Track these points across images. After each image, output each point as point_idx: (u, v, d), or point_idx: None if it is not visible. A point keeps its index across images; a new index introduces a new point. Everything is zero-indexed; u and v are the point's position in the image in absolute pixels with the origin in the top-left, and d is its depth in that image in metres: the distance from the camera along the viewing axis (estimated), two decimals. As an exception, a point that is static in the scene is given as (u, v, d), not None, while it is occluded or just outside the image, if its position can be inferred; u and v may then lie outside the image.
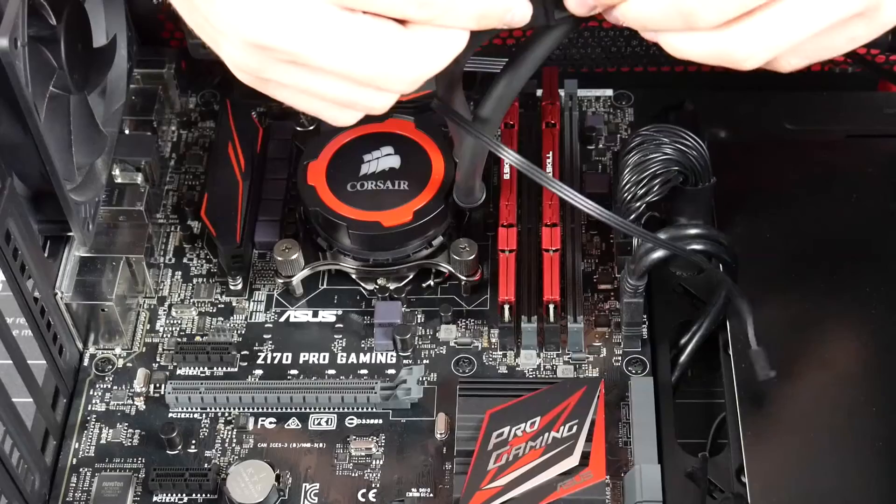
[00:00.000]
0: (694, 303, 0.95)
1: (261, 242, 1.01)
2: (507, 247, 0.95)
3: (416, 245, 0.97)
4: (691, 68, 1.09)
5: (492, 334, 0.96)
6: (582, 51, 1.09)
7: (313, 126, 1.04)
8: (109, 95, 0.98)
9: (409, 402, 0.92)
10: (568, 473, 0.86)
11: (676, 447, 0.88)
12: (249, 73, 0.73)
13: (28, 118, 0.82)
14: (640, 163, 0.90)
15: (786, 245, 0.94)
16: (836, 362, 0.88)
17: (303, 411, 0.93)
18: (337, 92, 0.73)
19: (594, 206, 0.83)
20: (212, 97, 1.10)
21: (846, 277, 0.92)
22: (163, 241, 1.02)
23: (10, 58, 0.78)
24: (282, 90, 0.75)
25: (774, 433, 0.85)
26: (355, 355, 0.96)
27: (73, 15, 0.88)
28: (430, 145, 0.99)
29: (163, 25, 1.08)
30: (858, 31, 0.74)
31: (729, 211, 0.95)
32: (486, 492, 0.85)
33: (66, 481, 0.90)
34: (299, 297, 0.99)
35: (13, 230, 0.85)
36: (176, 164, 1.07)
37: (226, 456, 0.91)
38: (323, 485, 0.89)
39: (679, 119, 1.05)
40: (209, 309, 0.99)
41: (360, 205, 0.95)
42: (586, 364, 0.94)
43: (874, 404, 0.85)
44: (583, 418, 0.88)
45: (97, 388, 0.95)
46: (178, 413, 0.93)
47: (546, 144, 1.00)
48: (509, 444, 0.87)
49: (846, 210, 0.95)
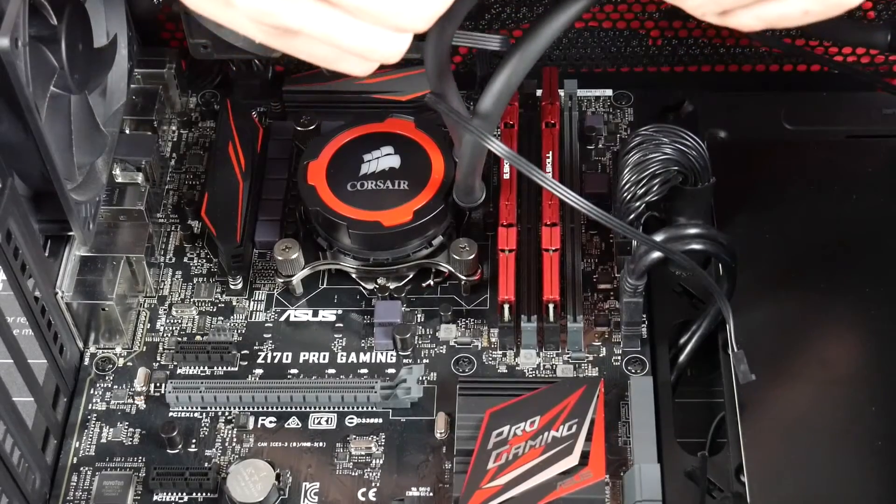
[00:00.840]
0: (693, 302, 0.95)
1: (261, 242, 1.01)
2: (507, 246, 0.95)
3: (416, 245, 0.97)
4: (691, 68, 1.09)
5: (491, 334, 0.96)
6: (582, 51, 1.09)
7: (314, 126, 1.04)
8: (110, 95, 0.98)
9: (408, 402, 0.92)
10: (567, 473, 0.86)
11: (676, 446, 0.88)
12: (267, 22, 0.73)
13: (29, 118, 0.82)
14: (640, 163, 0.90)
15: (785, 245, 0.94)
16: (836, 362, 0.88)
17: (303, 411, 0.93)
18: (353, 35, 0.73)
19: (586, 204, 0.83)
20: (212, 97, 1.10)
21: (846, 277, 0.92)
22: (163, 240, 1.02)
23: (10, 57, 0.78)
24: (297, 41, 0.74)
25: (774, 432, 0.85)
26: (355, 355, 0.96)
27: (73, 15, 0.88)
28: (430, 145, 0.99)
29: (163, 25, 1.08)
30: (811, 4, 0.74)
31: (728, 211, 0.95)
32: (486, 491, 0.85)
33: (66, 480, 0.90)
34: (299, 296, 0.99)
35: (14, 230, 0.85)
36: (176, 163, 1.07)
37: (226, 455, 0.91)
38: (323, 484, 0.89)
39: (678, 119, 1.05)
40: (209, 308, 0.99)
41: (360, 204, 0.96)
42: (586, 364, 0.94)
43: (873, 404, 0.85)
44: (582, 418, 0.88)
45: (98, 388, 0.95)
46: (179, 412, 0.93)
47: (546, 144, 1.00)
48: (509, 443, 0.87)
49: (846, 210, 0.95)
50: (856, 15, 1.03)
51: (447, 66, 0.87)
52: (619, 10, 1.06)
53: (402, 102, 1.05)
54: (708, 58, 1.09)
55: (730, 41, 1.07)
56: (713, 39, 1.07)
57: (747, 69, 1.09)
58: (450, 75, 0.88)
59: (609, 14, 1.06)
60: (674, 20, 1.06)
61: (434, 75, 0.87)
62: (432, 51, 0.85)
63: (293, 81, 1.07)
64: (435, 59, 0.86)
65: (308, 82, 1.07)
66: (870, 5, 1.04)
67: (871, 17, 1.04)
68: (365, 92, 1.05)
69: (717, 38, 1.07)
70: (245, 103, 1.07)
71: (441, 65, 0.86)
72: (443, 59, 0.86)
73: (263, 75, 1.09)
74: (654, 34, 1.07)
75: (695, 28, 1.07)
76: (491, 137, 0.85)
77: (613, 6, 1.06)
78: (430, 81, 0.87)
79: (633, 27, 1.07)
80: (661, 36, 1.07)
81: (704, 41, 1.07)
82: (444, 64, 0.87)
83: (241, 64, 1.08)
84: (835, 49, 1.07)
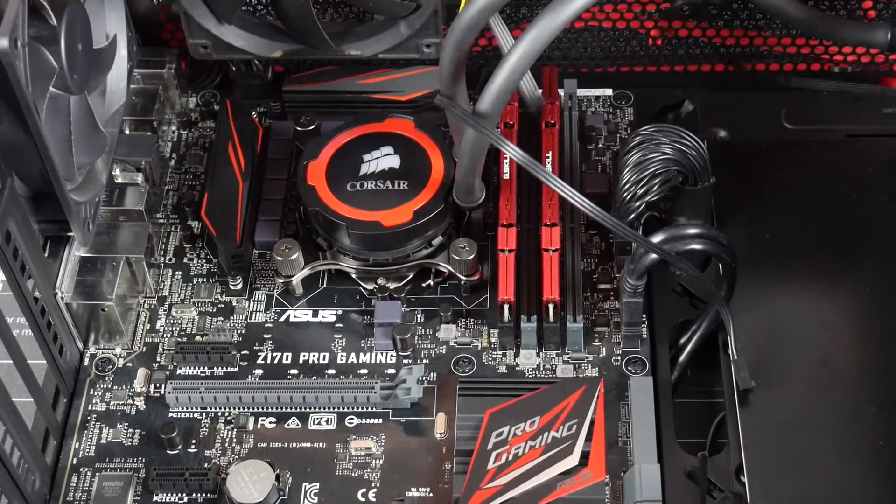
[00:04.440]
0: (693, 302, 0.95)
1: (261, 242, 1.01)
2: (507, 246, 0.95)
3: (416, 245, 0.97)
4: (691, 68, 1.09)
5: (491, 334, 0.96)
6: (581, 50, 1.09)
7: (314, 126, 1.04)
8: (110, 95, 0.98)
9: (408, 402, 0.92)
10: (567, 473, 0.86)
11: (676, 447, 0.88)
12: None
13: (28, 118, 0.82)
14: (640, 162, 0.90)
15: (785, 245, 0.94)
16: (836, 362, 0.88)
17: (303, 411, 0.93)
18: None
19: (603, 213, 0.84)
20: (212, 97, 1.10)
21: (846, 277, 0.92)
22: (163, 240, 1.02)
23: (10, 58, 0.78)
24: None
25: (774, 432, 0.85)
26: (355, 355, 0.96)
27: (73, 15, 0.88)
28: (429, 145, 0.99)
29: (163, 25, 1.08)
30: None
31: (728, 211, 0.95)
32: (486, 491, 0.85)
33: (66, 481, 0.90)
34: (299, 296, 0.99)
35: (13, 230, 0.85)
36: (176, 164, 1.07)
37: (226, 455, 0.91)
38: (323, 484, 0.89)
39: (678, 119, 1.05)
40: (209, 309, 0.99)
41: (359, 205, 0.96)
42: (586, 364, 0.94)
43: (874, 403, 0.85)
44: (582, 418, 0.88)
45: (97, 388, 0.95)
46: (179, 413, 0.93)
47: (546, 144, 1.00)
48: (509, 443, 0.87)
49: (846, 210, 0.95)
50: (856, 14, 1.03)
51: (462, 71, 0.87)
52: (619, 10, 1.06)
53: (402, 102, 1.05)
54: (708, 57, 1.09)
55: (730, 41, 1.07)
56: (713, 39, 1.07)
57: (747, 69, 1.09)
58: (462, 79, 0.88)
59: (609, 13, 1.06)
60: (674, 20, 1.06)
61: (448, 78, 0.87)
62: (450, 56, 0.86)
63: (293, 81, 1.07)
64: (452, 64, 0.86)
65: (308, 82, 1.07)
66: (870, 4, 1.04)
67: (871, 16, 1.04)
68: (365, 92, 1.05)
69: (717, 37, 1.07)
70: (245, 103, 1.07)
71: (457, 70, 0.87)
72: (459, 63, 0.86)
73: (263, 75, 1.09)
74: (654, 34, 1.07)
75: (695, 28, 1.07)
76: (505, 140, 0.85)
77: (613, 5, 1.06)
78: (443, 84, 0.87)
79: (632, 27, 1.07)
80: (661, 35, 1.07)
81: (704, 41, 1.07)
82: (459, 69, 0.87)
83: (241, 64, 1.08)
84: (835, 48, 1.07)
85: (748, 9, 1.05)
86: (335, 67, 1.07)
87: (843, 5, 1.04)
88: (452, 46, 0.85)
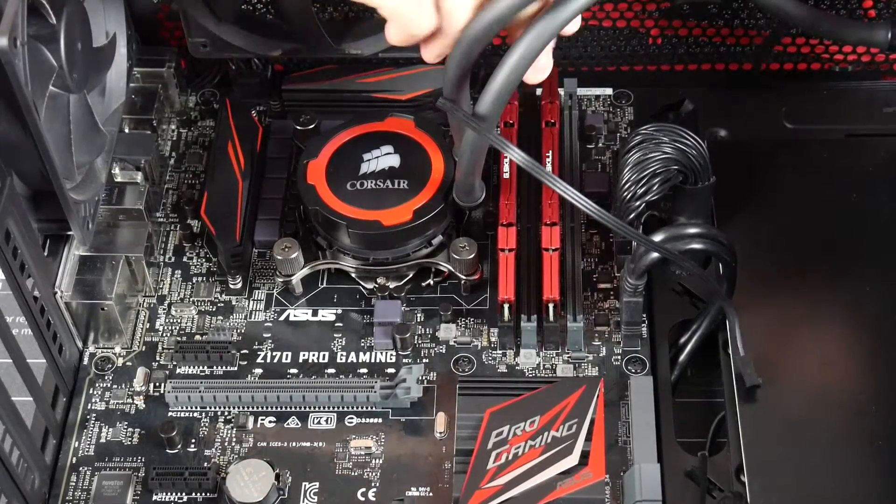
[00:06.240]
0: (693, 302, 0.95)
1: (260, 241, 1.01)
2: (507, 246, 0.95)
3: (416, 244, 0.97)
4: (691, 67, 1.09)
5: (491, 333, 0.96)
6: (581, 50, 1.09)
7: (313, 125, 1.04)
8: (109, 94, 0.98)
9: (408, 401, 0.92)
10: (567, 472, 0.86)
11: (676, 446, 0.88)
12: None
13: (28, 117, 0.82)
14: (640, 162, 0.90)
15: (785, 244, 0.94)
16: (836, 361, 0.88)
17: (302, 410, 0.93)
18: None
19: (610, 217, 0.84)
20: (211, 96, 1.10)
21: (846, 277, 0.92)
22: (162, 239, 1.02)
23: (9, 57, 0.78)
24: None
25: (774, 432, 0.85)
26: (355, 354, 0.96)
27: (72, 14, 0.88)
28: (429, 144, 0.99)
29: (162, 24, 1.08)
30: None
31: (728, 210, 0.95)
32: (486, 491, 0.85)
33: (65, 480, 0.90)
34: (299, 295, 0.99)
35: (13, 229, 0.85)
36: (176, 162, 1.07)
37: (225, 455, 0.91)
38: (323, 484, 0.89)
39: (679, 118, 1.05)
40: (209, 308, 0.99)
41: (359, 204, 0.95)
42: (586, 363, 0.94)
43: (873, 403, 0.85)
44: (582, 417, 0.88)
45: (97, 387, 0.95)
46: (178, 412, 0.93)
47: (546, 143, 1.00)
48: (509, 443, 0.87)
49: (846, 209, 0.95)
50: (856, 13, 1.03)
51: (467, 77, 0.87)
52: (619, 9, 1.06)
53: (402, 101, 1.05)
54: (708, 56, 1.08)
55: (730, 41, 1.07)
56: (713, 39, 1.07)
57: (748, 68, 1.08)
58: (467, 85, 0.88)
59: (609, 13, 1.06)
60: (674, 19, 1.06)
61: (452, 84, 0.87)
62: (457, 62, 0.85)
63: (293, 80, 1.07)
64: (458, 71, 0.86)
65: (308, 81, 1.07)
66: (870, 3, 1.04)
67: (871, 16, 1.04)
68: (365, 91, 1.05)
69: (717, 37, 1.07)
70: (244, 102, 1.07)
71: (462, 76, 0.87)
72: (466, 70, 0.86)
73: (263, 74, 1.09)
74: (654, 33, 1.07)
75: (695, 27, 1.07)
76: (507, 143, 0.85)
77: (613, 5, 1.05)
78: (447, 88, 0.87)
79: (632, 26, 1.07)
80: (661, 35, 1.07)
81: (704, 40, 1.07)
82: (465, 75, 0.87)
83: (241, 63, 1.08)
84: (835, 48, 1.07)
85: (748, 8, 1.05)
86: (335, 66, 1.07)
87: (843, 5, 1.04)
88: (461, 54, 0.85)
